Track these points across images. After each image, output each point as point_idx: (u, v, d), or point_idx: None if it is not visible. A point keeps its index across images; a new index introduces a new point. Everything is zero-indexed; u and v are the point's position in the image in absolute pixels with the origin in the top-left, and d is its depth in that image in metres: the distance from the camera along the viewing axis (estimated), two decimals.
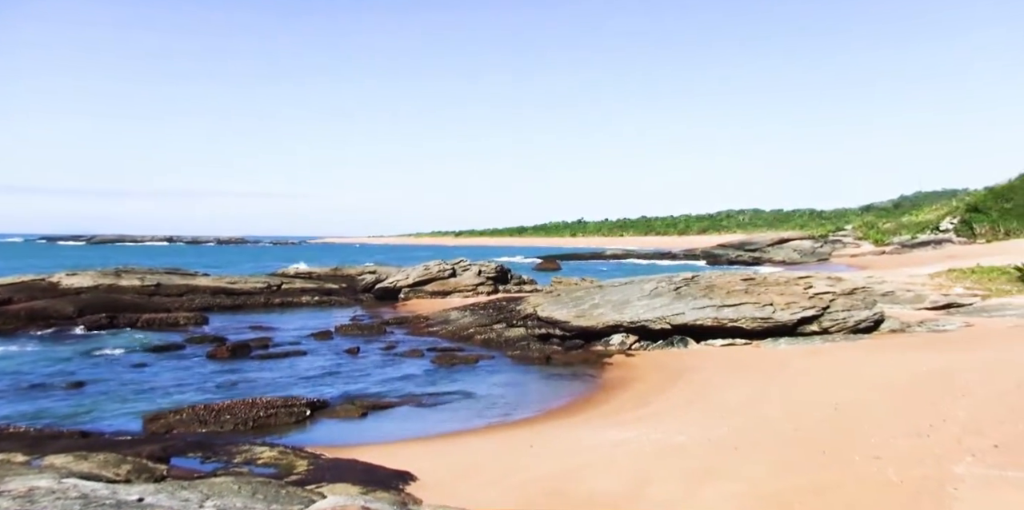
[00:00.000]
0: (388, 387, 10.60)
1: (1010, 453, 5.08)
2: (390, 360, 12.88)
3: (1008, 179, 46.58)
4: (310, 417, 8.81)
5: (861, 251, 47.28)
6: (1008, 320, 12.37)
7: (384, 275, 24.43)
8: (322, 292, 23.82)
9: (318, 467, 6.05)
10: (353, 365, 12.44)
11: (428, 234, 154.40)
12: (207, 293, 21.55)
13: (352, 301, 23.25)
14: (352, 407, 9.24)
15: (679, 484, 5.34)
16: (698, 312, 12.71)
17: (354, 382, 10.99)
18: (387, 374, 11.58)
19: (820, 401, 7.74)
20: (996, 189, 46.73)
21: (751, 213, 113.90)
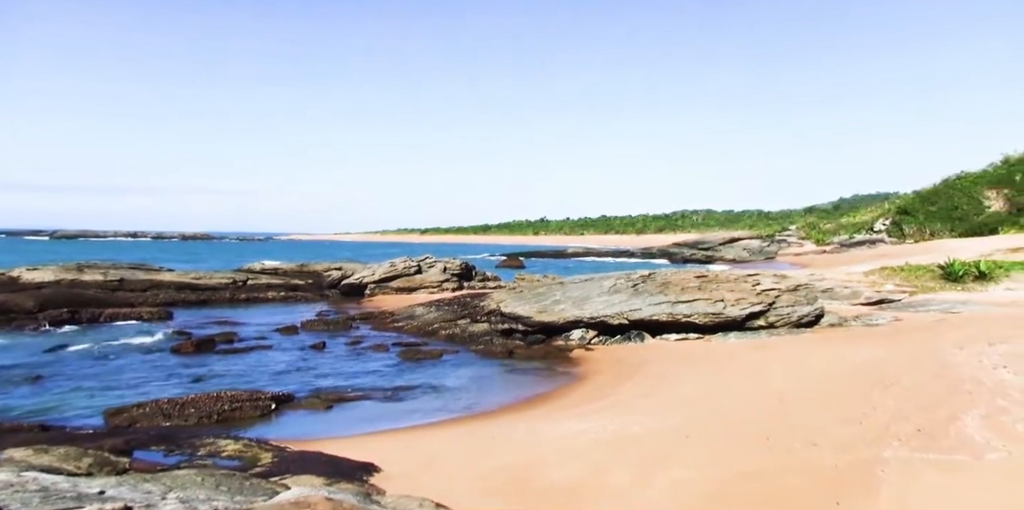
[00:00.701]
0: (353, 381, 10.49)
1: (930, 437, 5.32)
2: (355, 355, 12.75)
3: (933, 183, 48.45)
4: (275, 410, 8.66)
5: (804, 250, 48.57)
6: (931, 314, 12.87)
7: (350, 271, 24.12)
8: (288, 288, 23.40)
9: (283, 459, 5.97)
10: (319, 359, 12.27)
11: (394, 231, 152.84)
12: (172, 288, 20.96)
13: (318, 297, 22.90)
14: (317, 400, 9.12)
15: (633, 471, 5.43)
16: (654, 308, 12.90)
17: (319, 376, 10.85)
18: (352, 368, 11.45)
19: (765, 392, 7.94)
20: (923, 193, 48.59)
21: (704, 213, 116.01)
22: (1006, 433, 5.23)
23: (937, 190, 46.84)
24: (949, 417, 5.72)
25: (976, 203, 42.94)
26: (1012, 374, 6.91)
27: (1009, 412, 5.68)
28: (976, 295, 15.01)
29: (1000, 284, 16.27)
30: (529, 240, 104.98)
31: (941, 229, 40.40)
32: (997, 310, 12.49)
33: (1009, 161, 46.23)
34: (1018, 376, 6.80)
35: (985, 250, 24.70)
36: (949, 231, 39.56)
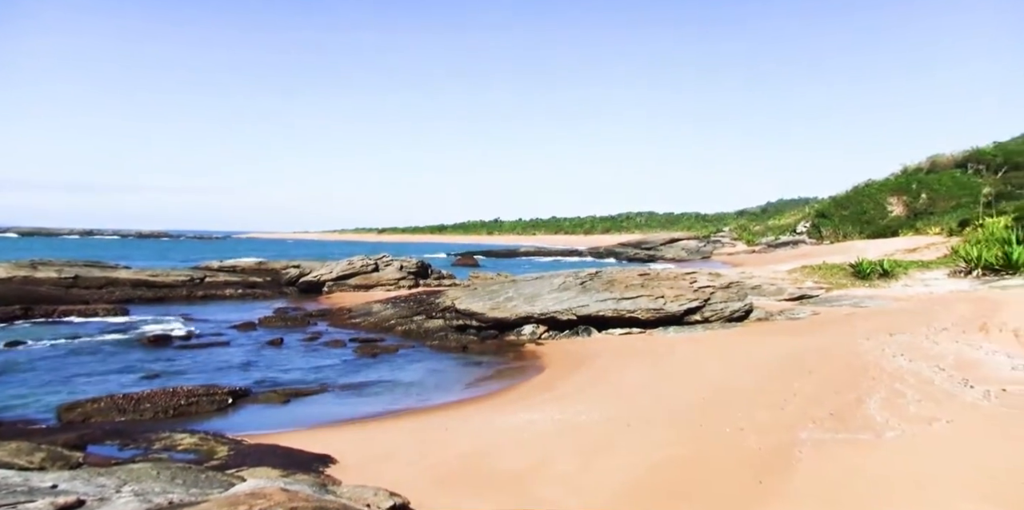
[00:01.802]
0: (310, 375, 10.29)
1: (840, 419, 5.62)
2: (313, 350, 12.50)
3: (846, 190, 50.90)
4: (232, 405, 8.42)
5: (736, 250, 50.04)
6: (844, 308, 13.52)
7: (308, 269, 23.60)
8: (246, 285, 22.71)
9: (239, 452, 5.82)
10: (276, 355, 11.98)
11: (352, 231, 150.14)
12: (128, 286, 20.06)
13: (276, 294, 22.31)
14: (274, 395, 8.91)
15: (577, 458, 5.52)
16: (600, 304, 13.10)
17: (277, 371, 10.60)
18: (310, 363, 11.23)
19: (700, 381, 8.17)
20: (838, 198, 50.97)
21: (647, 215, 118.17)
22: (901, 414, 5.57)
23: (849, 196, 49.30)
24: (856, 401, 6.05)
25: (881, 208, 45.37)
26: (907, 361, 7.35)
27: (904, 395, 6.05)
28: (880, 291, 15.85)
29: (900, 281, 17.22)
30: (483, 240, 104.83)
31: (852, 231, 42.48)
32: (897, 304, 13.21)
33: (907, 171, 49.09)
34: (912, 363, 7.23)
35: (888, 250, 26.11)
36: (859, 233, 41.60)
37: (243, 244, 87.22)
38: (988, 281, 14.80)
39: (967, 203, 39.16)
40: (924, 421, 5.32)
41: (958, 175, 45.34)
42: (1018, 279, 14.10)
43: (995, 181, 41.97)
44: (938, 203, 42.39)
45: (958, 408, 5.56)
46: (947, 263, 18.61)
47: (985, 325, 8.73)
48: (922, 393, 6.07)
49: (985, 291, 13.18)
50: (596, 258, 49.37)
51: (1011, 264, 15.07)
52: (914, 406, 5.72)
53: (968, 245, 18.38)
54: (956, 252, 18.78)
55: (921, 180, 46.19)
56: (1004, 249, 15.78)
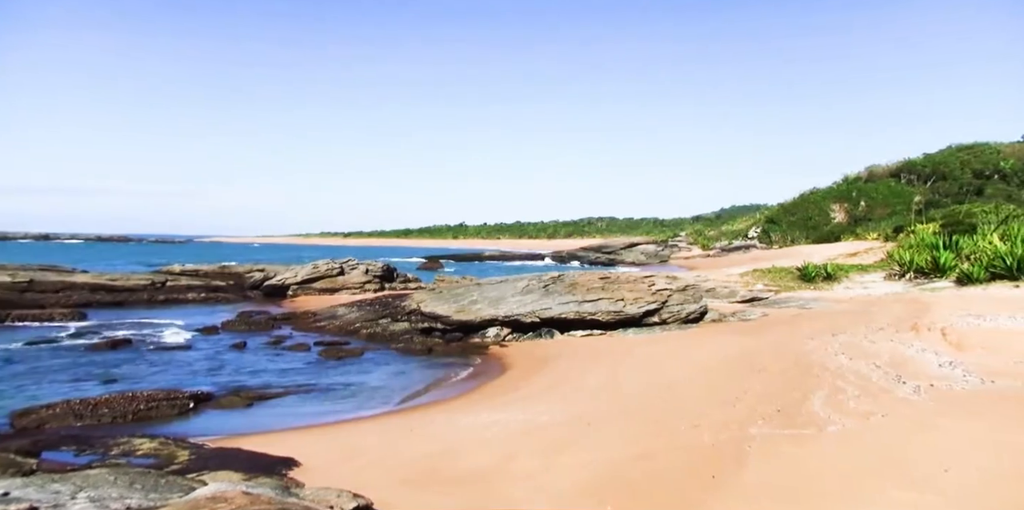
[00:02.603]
0: (275, 378, 10.05)
1: (787, 415, 5.79)
2: (277, 353, 12.22)
3: (793, 197, 52.73)
4: (194, 409, 8.16)
5: (692, 254, 51.07)
6: (791, 310, 13.94)
7: (273, 273, 23.07)
8: (209, 289, 22.05)
9: (200, 456, 5.64)
10: (239, 358, 11.66)
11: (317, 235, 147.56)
12: (86, 290, 19.22)
13: (240, 298, 21.73)
14: (237, 398, 8.66)
15: (539, 457, 5.54)
16: (563, 307, 13.18)
17: (240, 374, 10.32)
18: (274, 366, 10.98)
19: (658, 381, 8.29)
20: (786, 205, 52.70)
21: (608, 220, 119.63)
22: (841, 409, 5.78)
23: (796, 203, 51.02)
24: (802, 398, 6.25)
25: (825, 215, 47.11)
26: (848, 359, 7.63)
27: (845, 391, 6.28)
28: (824, 293, 16.42)
29: (842, 283, 17.89)
30: (449, 244, 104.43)
31: (799, 236, 43.97)
32: (839, 306, 13.70)
33: (848, 179, 51.19)
34: (852, 361, 7.52)
35: (831, 254, 27.10)
36: (805, 238, 43.09)
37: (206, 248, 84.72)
38: (919, 284, 15.50)
39: (901, 210, 41.00)
40: (862, 415, 5.53)
41: (893, 184, 47.46)
42: (945, 282, 14.80)
43: (925, 190, 44.08)
44: (875, 210, 44.25)
45: (891, 403, 5.80)
46: (883, 267, 19.41)
47: (916, 325, 9.13)
48: (860, 389, 6.31)
49: (916, 293, 13.79)
50: (559, 262, 49.67)
51: (939, 268, 15.80)
52: (853, 401, 5.94)
53: (901, 250, 19.21)
54: (891, 256, 19.61)
55: (860, 189, 48.16)
56: (933, 254, 16.55)
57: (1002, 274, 13.21)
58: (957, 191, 42.03)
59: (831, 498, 4.01)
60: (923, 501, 3.81)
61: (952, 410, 5.45)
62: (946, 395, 5.89)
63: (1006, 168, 41.66)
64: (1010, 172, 41.10)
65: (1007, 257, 13.30)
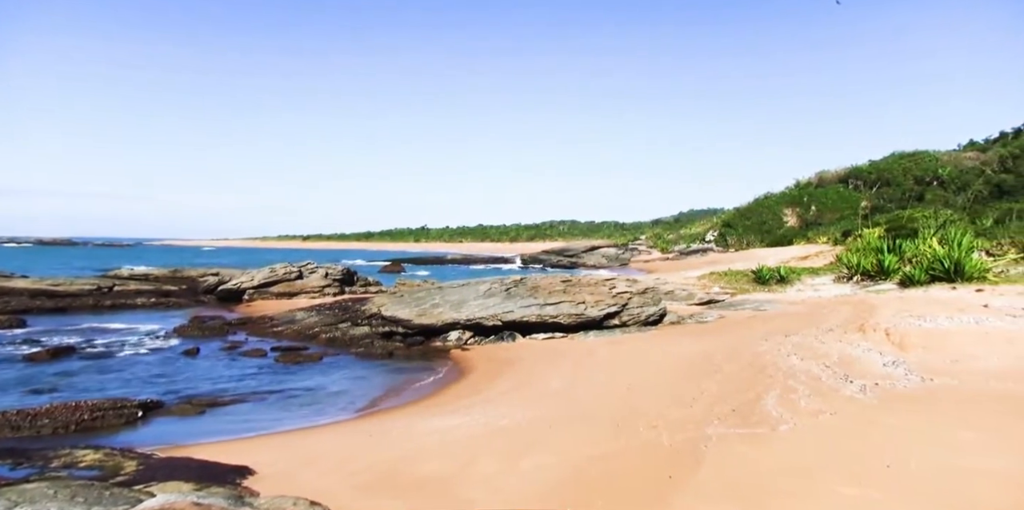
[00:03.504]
0: (229, 385, 9.76)
1: (741, 415, 5.96)
2: (232, 359, 11.87)
3: (748, 201, 54.43)
4: (142, 418, 7.84)
5: (651, 257, 51.94)
6: (746, 312, 14.34)
7: (228, 277, 22.41)
8: (160, 294, 21.28)
9: (148, 467, 5.42)
10: (192, 365, 11.29)
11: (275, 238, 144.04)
12: (25, 295, 18.30)
13: (193, 303, 21.04)
14: (189, 406, 8.38)
15: (500, 460, 5.54)
16: (525, 310, 13.22)
17: (193, 381, 9.99)
18: (229, 373, 10.66)
19: (618, 383, 8.40)
20: (741, 209, 54.34)
21: (569, 224, 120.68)
22: (793, 408, 5.98)
23: (751, 207, 52.66)
24: (755, 398, 6.43)
25: (778, 219, 48.76)
26: (799, 360, 7.91)
27: (796, 391, 6.50)
28: (777, 295, 16.95)
29: (794, 286, 18.51)
30: (410, 247, 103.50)
31: (754, 240, 45.33)
32: (791, 308, 14.17)
33: (799, 185, 53.17)
34: (804, 361, 7.79)
35: (784, 257, 28.02)
36: (760, 242, 44.44)
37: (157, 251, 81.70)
38: (865, 286, 16.17)
39: (849, 215, 42.75)
40: (812, 414, 5.73)
41: (841, 190, 49.47)
42: (889, 284, 15.49)
43: (871, 196, 46.11)
44: (825, 215, 46.02)
45: (840, 401, 6.04)
46: (832, 270, 20.16)
47: (862, 326, 9.53)
48: (811, 389, 6.54)
49: (863, 295, 14.38)
50: (521, 265, 49.84)
51: (883, 270, 16.52)
52: (804, 401, 6.15)
53: (849, 253, 19.99)
54: (840, 260, 20.38)
55: (811, 194, 50.03)
56: (878, 257, 17.29)
57: (940, 276, 13.91)
58: (900, 197, 44.11)
59: (781, 495, 4.14)
60: (866, 497, 3.98)
61: (895, 408, 5.71)
62: (889, 393, 6.17)
63: (944, 175, 43.93)
64: (948, 179, 43.36)
65: (945, 260, 14.00)
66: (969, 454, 4.48)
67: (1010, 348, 7.40)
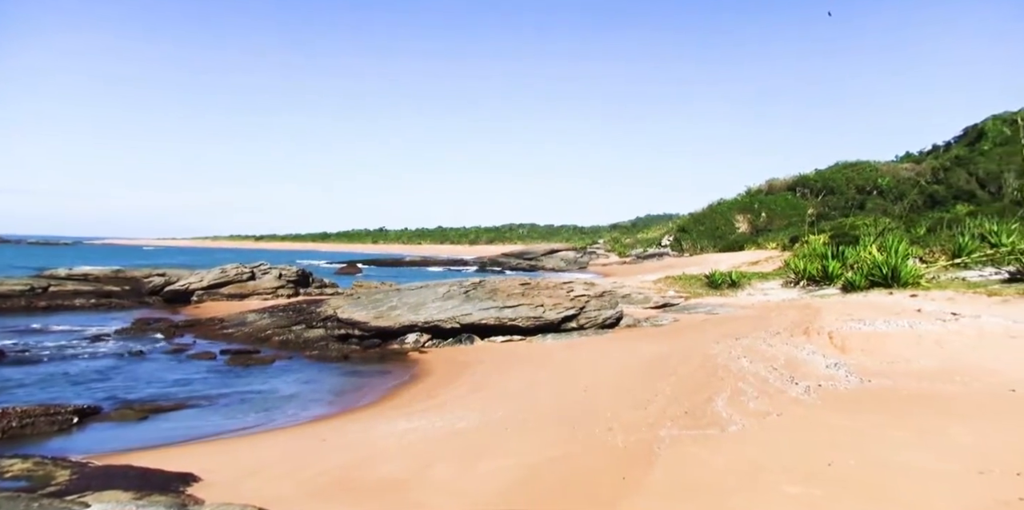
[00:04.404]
0: (174, 389, 9.39)
1: (693, 416, 6.10)
2: (178, 362, 11.43)
3: (703, 207, 55.99)
4: (78, 424, 7.46)
5: (609, 261, 52.68)
6: (700, 315, 14.72)
7: (175, 277, 21.57)
8: (101, 295, 20.29)
9: (83, 476, 5.14)
10: (135, 368, 10.81)
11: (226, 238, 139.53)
12: None
13: (137, 304, 20.14)
14: (130, 411, 8.01)
15: (457, 464, 5.51)
16: (483, 312, 13.20)
17: (135, 385, 9.56)
18: (174, 376, 10.25)
19: (574, 385, 8.47)
20: (696, 214, 55.78)
21: (529, 227, 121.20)
22: (742, 409, 6.16)
23: (705, 213, 54.15)
24: (707, 399, 6.59)
25: (730, 225, 50.30)
26: (748, 362, 8.15)
27: (745, 393, 6.70)
28: (729, 299, 17.45)
29: (745, 290, 19.09)
30: (368, 248, 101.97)
31: (708, 245, 46.57)
32: (742, 311, 14.61)
33: (751, 192, 55.00)
34: (753, 364, 8.03)
35: (736, 262, 28.87)
36: (713, 247, 45.67)
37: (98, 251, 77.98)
38: (811, 290, 16.82)
39: (796, 222, 44.39)
40: (760, 415, 5.91)
41: (789, 197, 51.37)
42: (833, 289, 16.15)
43: (817, 203, 48.07)
44: (775, 221, 47.68)
45: (785, 402, 6.25)
46: (781, 274, 20.89)
47: (807, 329, 9.90)
48: (759, 390, 6.75)
49: (808, 299, 14.96)
50: (480, 268, 49.76)
51: (828, 276, 17.22)
52: (753, 402, 6.34)
53: (796, 259, 20.74)
54: (787, 265, 21.13)
55: (762, 201, 51.77)
56: (823, 263, 18.01)
57: (879, 282, 14.59)
58: (843, 205, 46.13)
59: (729, 495, 4.26)
60: (807, 494, 4.13)
61: (836, 408, 5.95)
62: (831, 394, 6.42)
63: (883, 185, 46.18)
64: (886, 189, 45.59)
65: (883, 266, 14.70)
66: (900, 451, 4.71)
67: (939, 350, 7.82)
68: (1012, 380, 6.35)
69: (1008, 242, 15.90)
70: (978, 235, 17.42)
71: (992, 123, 46.66)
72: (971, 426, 5.13)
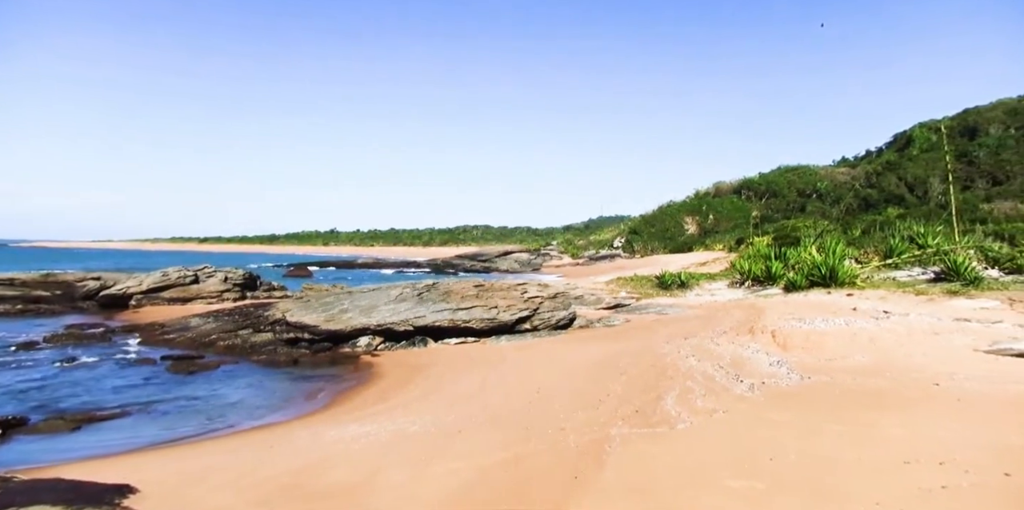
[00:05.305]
0: (110, 397, 8.94)
1: (643, 415, 6.24)
2: (115, 369, 10.88)
3: (653, 209, 57.39)
4: (2, 437, 7.01)
5: (563, 262, 53.22)
6: (651, 316, 15.04)
7: (112, 281, 20.52)
8: (28, 300, 19.13)
9: (7, 491, 4.83)
10: (68, 376, 10.24)
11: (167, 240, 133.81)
12: None
13: (69, 309, 19.07)
14: (61, 421, 7.58)
15: (408, 468, 5.45)
16: (437, 315, 13.11)
17: (67, 395, 9.05)
18: (110, 384, 9.76)
19: (528, 386, 8.50)
20: (646, 216, 57.15)
21: (483, 229, 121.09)
22: (690, 407, 6.34)
23: (655, 215, 55.52)
24: (657, 398, 6.75)
25: (680, 226, 51.73)
26: (696, 361, 8.40)
27: (693, 391, 6.90)
28: (679, 300, 17.91)
29: (693, 291, 19.62)
30: (318, 250, 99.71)
31: (658, 246, 47.73)
32: (691, 311, 15.02)
33: (699, 194, 56.76)
34: (701, 362, 8.28)
35: (685, 263, 29.65)
36: (663, 248, 46.85)
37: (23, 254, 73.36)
38: (756, 291, 17.45)
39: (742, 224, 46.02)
40: (707, 413, 6.10)
41: (735, 200, 53.22)
42: (776, 289, 16.81)
43: (760, 206, 49.97)
44: (722, 223, 49.30)
45: (731, 400, 6.47)
46: (728, 275, 21.57)
47: (752, 328, 10.27)
48: (706, 389, 6.95)
49: (753, 299, 15.51)
50: (434, 270, 49.40)
51: (771, 276, 17.91)
52: (700, 400, 6.53)
53: (742, 260, 21.47)
54: (734, 266, 21.84)
55: (709, 203, 53.44)
56: (766, 264, 18.71)
57: (818, 282, 15.27)
58: (786, 207, 48.14)
59: (677, 491, 4.38)
60: (751, 488, 4.29)
61: (778, 404, 6.20)
62: (774, 391, 6.69)
63: (822, 189, 48.43)
64: (825, 192, 47.84)
65: (822, 267, 15.40)
66: (836, 445, 4.96)
67: (872, 347, 8.25)
68: (936, 374, 6.77)
69: (933, 244, 16.93)
70: (907, 237, 18.48)
71: (919, 130, 49.67)
72: (900, 419, 5.44)
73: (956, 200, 20.93)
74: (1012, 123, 43.28)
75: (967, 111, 48.13)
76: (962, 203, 26.74)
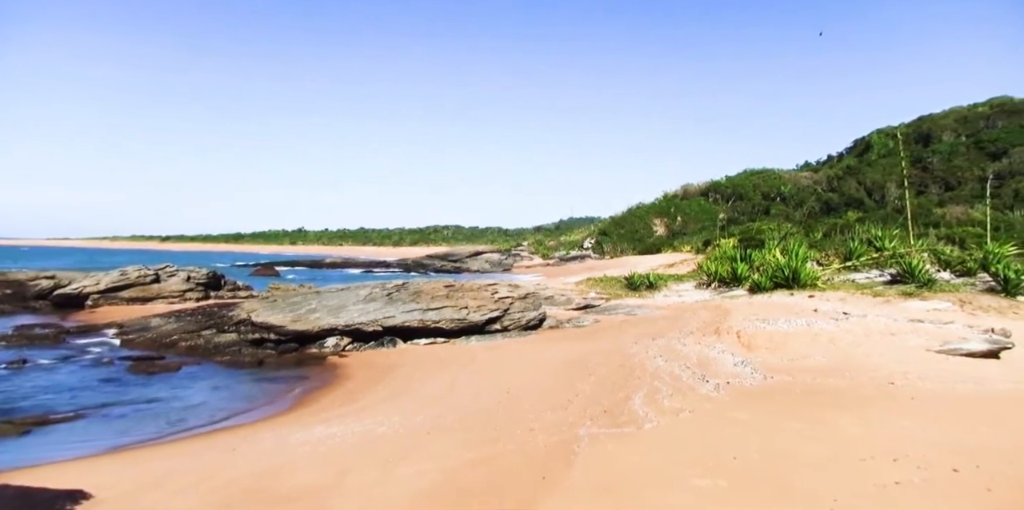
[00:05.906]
0: (64, 399, 8.61)
1: (612, 415, 6.30)
2: (70, 371, 10.49)
3: (622, 211, 58.10)
4: None
5: (533, 263, 53.37)
6: (620, 316, 15.21)
7: (67, 280, 19.76)
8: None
9: None
10: (17, 378, 9.82)
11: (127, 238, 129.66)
12: None
13: (20, 309, 18.29)
14: (9, 425, 7.26)
15: (376, 469, 5.40)
16: (407, 315, 13.00)
17: (16, 397, 8.68)
18: (64, 386, 9.40)
19: (497, 387, 8.50)
20: (616, 218, 57.76)
21: (454, 229, 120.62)
22: (657, 407, 6.43)
23: (624, 217, 56.16)
24: (625, 398, 6.83)
25: (648, 228, 52.46)
26: (664, 361, 8.52)
27: (660, 391, 7.00)
28: (647, 300, 18.15)
29: (661, 292, 19.92)
30: (285, 250, 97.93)
31: (627, 248, 48.30)
32: (659, 312, 15.24)
33: (667, 196, 57.66)
34: (668, 363, 8.41)
35: (654, 265, 30.05)
36: (632, 249, 47.41)
37: None
38: (722, 292, 17.80)
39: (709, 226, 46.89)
40: (673, 412, 6.19)
41: (703, 202, 54.24)
42: (741, 290, 17.17)
43: (727, 208, 51.03)
44: (689, 225, 50.16)
45: (697, 400, 6.58)
46: (694, 276, 21.95)
47: (718, 329, 10.48)
48: (673, 389, 7.06)
49: (719, 300, 15.82)
50: (404, 270, 49.00)
51: (737, 278, 18.29)
52: (667, 400, 6.63)
53: (708, 262, 21.85)
54: (700, 267, 22.23)
55: (677, 205, 54.32)
56: (732, 265, 19.10)
57: (782, 283, 15.66)
58: (751, 210, 49.28)
59: (643, 489, 4.43)
60: (715, 486, 4.38)
61: (742, 404, 6.33)
62: (738, 390, 6.83)
63: (785, 192, 49.74)
64: (788, 195, 49.15)
65: (785, 269, 15.80)
66: (797, 443, 5.09)
67: (832, 347, 8.50)
68: (892, 373, 7.01)
69: (890, 247, 17.54)
70: (866, 240, 19.10)
71: (877, 136, 51.47)
72: (857, 417, 5.62)
73: (911, 204, 21.73)
74: (963, 130, 45.25)
75: (921, 118, 50.12)
76: (917, 207, 27.81)
